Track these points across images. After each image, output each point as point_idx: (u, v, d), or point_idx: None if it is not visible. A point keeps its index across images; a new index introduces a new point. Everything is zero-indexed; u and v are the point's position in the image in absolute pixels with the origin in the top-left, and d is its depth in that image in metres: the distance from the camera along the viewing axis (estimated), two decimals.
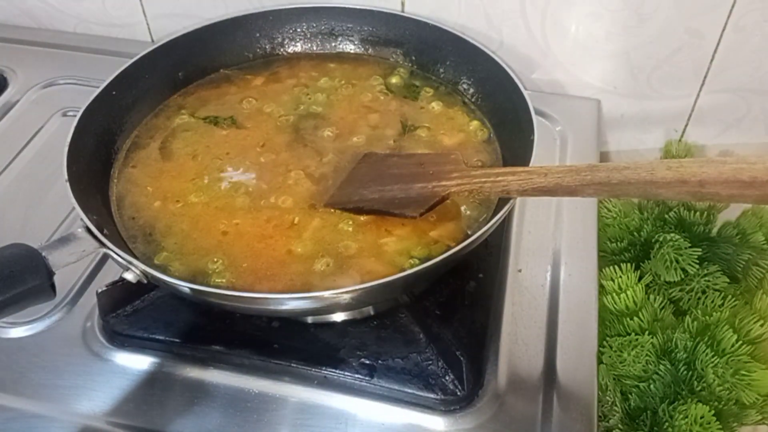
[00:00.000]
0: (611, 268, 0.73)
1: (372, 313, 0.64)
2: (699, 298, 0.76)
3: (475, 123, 0.74)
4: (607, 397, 0.71)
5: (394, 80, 0.80)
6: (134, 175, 0.69)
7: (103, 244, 0.55)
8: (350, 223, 0.63)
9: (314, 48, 0.85)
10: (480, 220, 0.63)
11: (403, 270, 0.56)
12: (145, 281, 0.56)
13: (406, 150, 0.71)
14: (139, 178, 0.69)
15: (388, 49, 0.83)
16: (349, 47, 0.85)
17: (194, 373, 0.61)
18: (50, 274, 0.51)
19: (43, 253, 0.51)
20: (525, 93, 0.67)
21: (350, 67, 0.83)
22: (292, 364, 0.61)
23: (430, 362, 0.60)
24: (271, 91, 0.79)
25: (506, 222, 0.74)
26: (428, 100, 0.77)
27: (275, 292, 0.58)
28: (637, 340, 0.70)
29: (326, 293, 0.53)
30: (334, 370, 0.60)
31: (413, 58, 0.82)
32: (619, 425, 0.71)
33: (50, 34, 1.02)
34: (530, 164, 0.60)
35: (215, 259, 0.60)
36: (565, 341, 0.64)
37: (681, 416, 0.65)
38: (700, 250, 0.75)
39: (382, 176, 0.65)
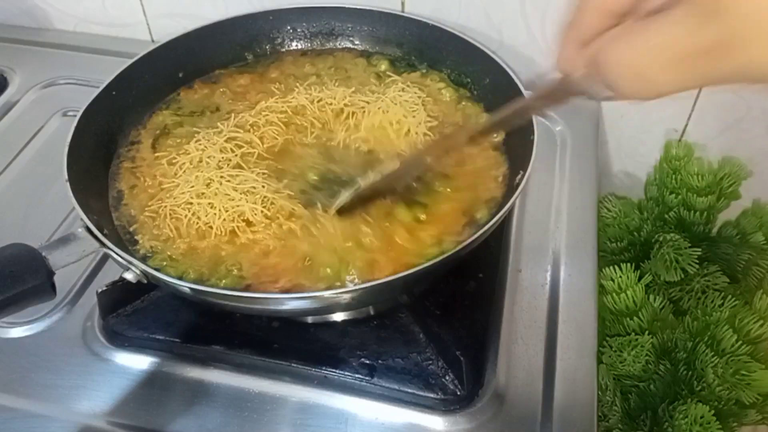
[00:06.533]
0: (611, 268, 0.73)
1: (372, 313, 0.64)
2: (699, 298, 0.76)
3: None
4: (607, 397, 0.71)
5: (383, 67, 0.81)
6: (134, 174, 0.69)
7: (103, 244, 0.55)
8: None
9: (314, 47, 0.85)
10: (480, 220, 0.63)
11: (404, 270, 0.56)
12: (145, 281, 0.56)
13: None
14: (139, 177, 0.69)
15: (388, 48, 0.84)
16: (349, 47, 0.85)
17: (194, 373, 0.61)
18: (50, 274, 0.51)
19: (43, 253, 0.51)
20: (525, 93, 0.67)
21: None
22: (292, 364, 0.61)
23: (430, 362, 0.60)
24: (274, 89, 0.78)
25: (506, 222, 0.74)
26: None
27: (275, 292, 0.58)
28: (636, 340, 0.70)
29: (326, 293, 0.53)
30: (334, 370, 0.60)
31: (413, 58, 0.82)
32: (619, 425, 0.71)
33: (50, 34, 1.02)
34: (530, 164, 0.60)
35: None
36: (565, 341, 0.64)
37: (681, 416, 0.65)
38: (699, 250, 0.75)
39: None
